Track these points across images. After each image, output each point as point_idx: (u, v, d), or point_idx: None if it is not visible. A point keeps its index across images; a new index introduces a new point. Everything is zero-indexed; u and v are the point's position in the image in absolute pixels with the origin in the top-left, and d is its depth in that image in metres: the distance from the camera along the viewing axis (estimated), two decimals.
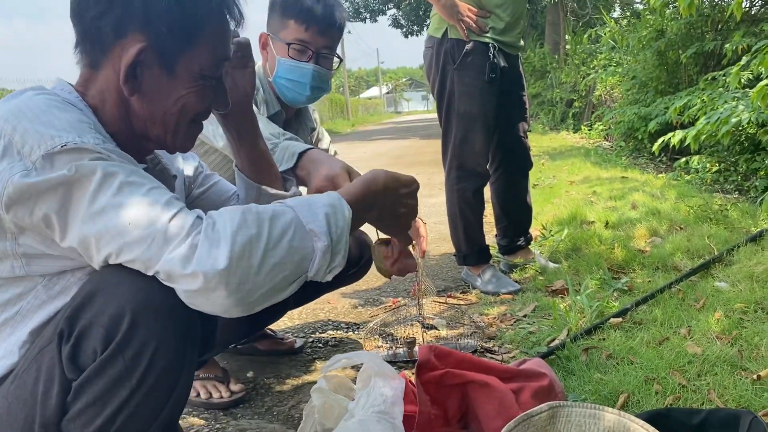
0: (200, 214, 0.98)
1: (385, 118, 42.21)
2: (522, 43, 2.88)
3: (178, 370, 0.99)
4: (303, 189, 1.60)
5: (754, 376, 1.63)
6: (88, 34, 1.09)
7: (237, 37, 1.30)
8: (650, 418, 1.29)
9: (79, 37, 1.10)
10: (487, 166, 2.90)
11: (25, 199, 0.95)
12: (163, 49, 1.08)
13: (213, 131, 1.78)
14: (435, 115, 2.97)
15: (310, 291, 2.00)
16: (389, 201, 1.18)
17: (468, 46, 2.67)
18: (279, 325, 2.52)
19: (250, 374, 2.06)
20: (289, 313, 2.62)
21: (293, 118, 2.11)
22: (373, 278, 3.23)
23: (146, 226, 0.93)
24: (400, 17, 29.48)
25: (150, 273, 0.94)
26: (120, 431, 0.96)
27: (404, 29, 29.81)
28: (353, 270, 1.96)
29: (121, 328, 0.93)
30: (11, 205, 0.95)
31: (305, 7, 1.84)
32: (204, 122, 1.26)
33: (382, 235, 1.39)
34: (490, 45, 2.66)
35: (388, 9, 29.29)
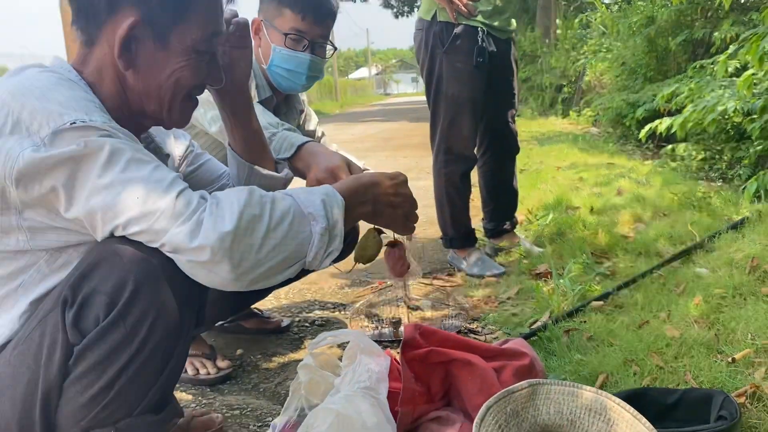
0: (204, 194, 1.02)
1: (374, 100, 42.02)
2: (512, 27, 2.89)
3: (175, 338, 1.04)
4: (302, 182, 1.62)
5: (729, 359, 1.68)
6: (82, 10, 1.10)
7: (235, 17, 1.31)
8: (627, 396, 1.34)
9: (75, 13, 1.12)
10: (475, 150, 2.93)
11: (35, 173, 0.97)
12: (156, 23, 1.10)
13: (206, 115, 1.78)
14: (424, 98, 2.98)
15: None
16: (381, 193, 1.22)
17: (457, 30, 2.67)
18: (266, 305, 2.55)
19: (239, 352, 2.09)
20: (276, 293, 2.65)
21: (282, 102, 2.12)
22: None
23: (154, 201, 0.97)
24: None
25: (155, 245, 0.98)
26: (119, 395, 1.00)
27: (395, 9, 29.66)
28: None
29: (123, 296, 0.98)
30: (21, 179, 0.98)
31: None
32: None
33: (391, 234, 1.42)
34: (479, 29, 2.67)
35: None
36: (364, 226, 1.39)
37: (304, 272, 2.10)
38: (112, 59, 1.11)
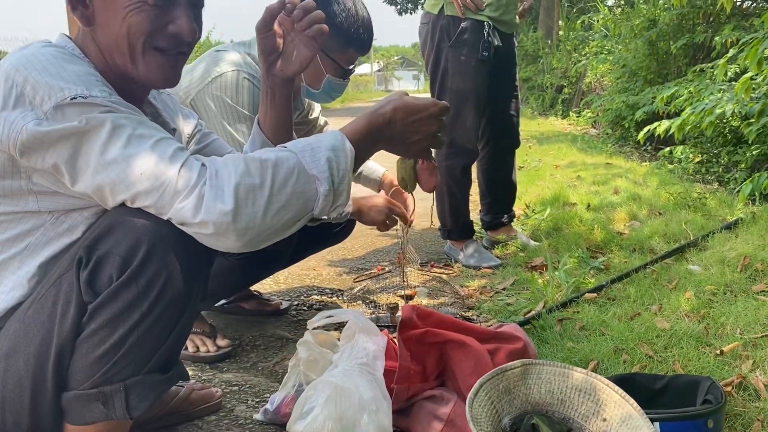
0: (204, 161, 1.03)
1: (375, 96, 41.92)
2: (518, 21, 2.92)
3: (184, 301, 1.07)
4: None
5: (718, 351, 1.72)
6: None
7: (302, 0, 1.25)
8: (616, 381, 1.37)
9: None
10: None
11: (37, 146, 1.01)
12: None
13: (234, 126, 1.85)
14: (426, 95, 3.00)
15: (297, 252, 2.07)
16: (396, 132, 1.16)
17: (463, 24, 2.70)
18: (265, 288, 2.58)
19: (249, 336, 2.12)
20: (275, 277, 2.69)
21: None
22: (358, 247, 3.30)
23: (156, 177, 1.00)
24: None
25: (164, 218, 1.02)
26: (129, 352, 1.03)
27: (399, 6, 29.63)
28: (338, 228, 2.03)
29: (136, 257, 1.01)
30: (24, 152, 1.01)
31: (368, 38, 1.94)
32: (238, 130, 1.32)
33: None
34: (486, 23, 2.71)
35: None
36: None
37: (307, 252, 2.18)
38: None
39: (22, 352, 1.05)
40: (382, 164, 2.36)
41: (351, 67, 1.98)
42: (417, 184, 1.41)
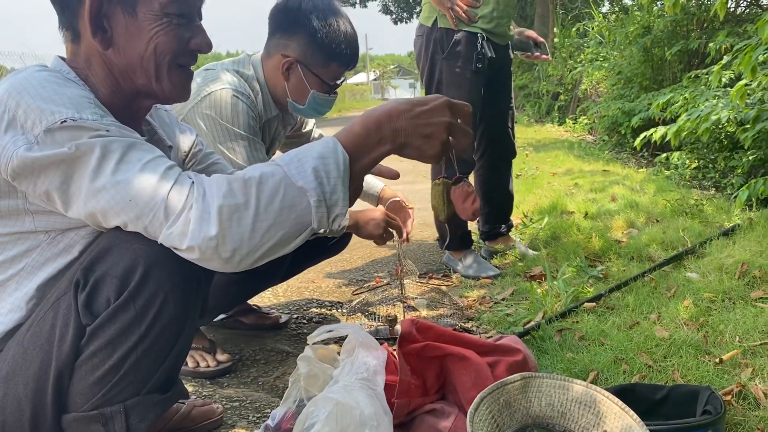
0: (195, 179, 1.02)
1: (371, 105, 42.07)
2: (512, 33, 2.94)
3: (182, 320, 1.07)
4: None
5: (717, 360, 1.72)
6: (59, 6, 1.14)
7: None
8: (616, 392, 1.38)
9: (57, 14, 1.15)
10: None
11: (28, 173, 1.01)
12: None
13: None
14: None
15: (294, 265, 2.07)
16: (403, 127, 1.06)
17: (457, 36, 2.72)
18: (264, 302, 2.59)
19: (238, 347, 2.12)
20: (274, 290, 2.69)
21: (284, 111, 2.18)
22: (356, 258, 3.30)
23: (146, 203, 0.99)
24: (389, 3, 29.40)
25: (157, 241, 1.02)
26: (128, 373, 1.04)
27: (394, 15, 29.74)
28: (334, 240, 2.04)
29: (133, 279, 1.02)
30: (15, 177, 1.02)
31: (349, 52, 1.93)
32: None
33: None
34: (479, 35, 2.72)
35: None
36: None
37: (302, 265, 2.18)
38: (93, 44, 1.13)
39: (21, 376, 1.06)
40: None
41: (339, 81, 1.98)
42: (453, 211, 1.33)
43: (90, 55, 1.16)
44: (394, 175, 1.88)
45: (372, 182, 2.35)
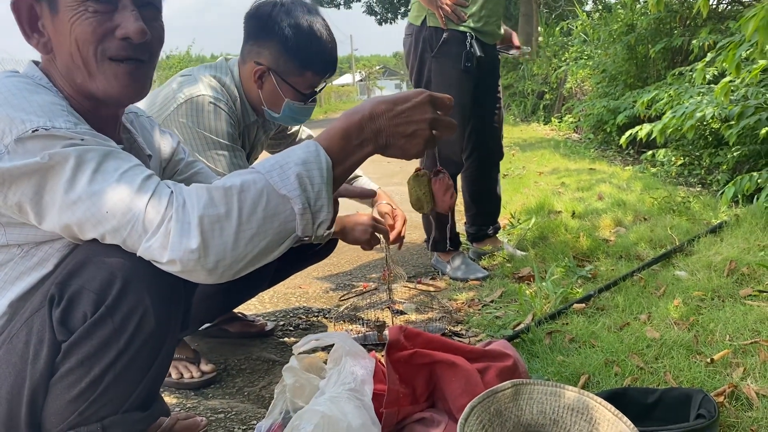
0: (174, 189, 0.98)
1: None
2: (501, 32, 2.92)
3: (163, 335, 1.04)
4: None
5: (708, 360, 1.71)
6: (21, 20, 1.09)
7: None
8: (608, 396, 1.36)
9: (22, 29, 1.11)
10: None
11: None
12: None
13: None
14: None
15: (281, 271, 2.04)
16: (384, 126, 1.05)
17: (446, 35, 2.70)
18: (250, 309, 2.54)
19: (222, 357, 2.08)
20: (260, 297, 2.65)
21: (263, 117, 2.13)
22: (344, 262, 3.27)
23: (123, 214, 0.95)
24: (374, 4, 29.35)
25: (136, 254, 0.97)
26: (106, 391, 1.00)
27: (378, 16, 29.70)
28: (318, 247, 2.00)
29: (111, 293, 0.98)
30: None
31: (324, 59, 1.85)
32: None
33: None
34: (468, 34, 2.70)
35: None
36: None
37: (289, 271, 2.14)
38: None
39: None
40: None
41: (317, 89, 1.91)
42: (434, 203, 1.33)
43: (46, 62, 1.12)
44: (370, 195, 1.89)
45: (366, 184, 2.32)
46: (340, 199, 1.32)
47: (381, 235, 1.96)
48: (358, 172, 2.33)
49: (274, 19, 1.79)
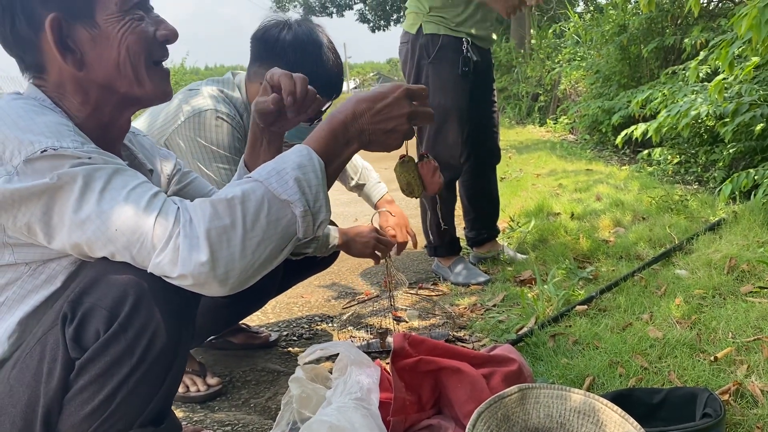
0: (180, 205, 1.00)
1: None
2: (494, 36, 2.94)
3: (174, 350, 1.04)
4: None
5: (712, 358, 1.71)
6: (17, 47, 1.10)
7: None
8: (614, 397, 1.36)
9: (15, 55, 1.12)
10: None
11: (8, 205, 0.97)
12: (72, 9, 1.08)
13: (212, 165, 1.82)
14: None
15: (287, 279, 2.05)
16: (366, 124, 1.10)
17: (442, 41, 2.72)
18: (253, 320, 2.55)
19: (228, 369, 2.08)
20: (263, 308, 2.65)
21: None
22: (345, 270, 3.27)
23: (133, 231, 0.96)
24: (366, 12, 29.46)
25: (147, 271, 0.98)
26: (119, 407, 1.00)
27: (371, 24, 29.82)
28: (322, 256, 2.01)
29: (123, 310, 0.98)
30: None
31: (331, 84, 1.85)
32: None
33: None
34: (464, 39, 2.72)
35: (355, 4, 29.28)
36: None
37: (295, 280, 2.15)
38: (65, 70, 1.10)
39: (8, 414, 1.02)
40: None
41: (323, 109, 1.90)
42: (423, 187, 1.38)
43: (60, 82, 1.12)
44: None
45: (374, 189, 2.33)
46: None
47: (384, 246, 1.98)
48: (367, 166, 2.42)
49: (280, 44, 1.80)
